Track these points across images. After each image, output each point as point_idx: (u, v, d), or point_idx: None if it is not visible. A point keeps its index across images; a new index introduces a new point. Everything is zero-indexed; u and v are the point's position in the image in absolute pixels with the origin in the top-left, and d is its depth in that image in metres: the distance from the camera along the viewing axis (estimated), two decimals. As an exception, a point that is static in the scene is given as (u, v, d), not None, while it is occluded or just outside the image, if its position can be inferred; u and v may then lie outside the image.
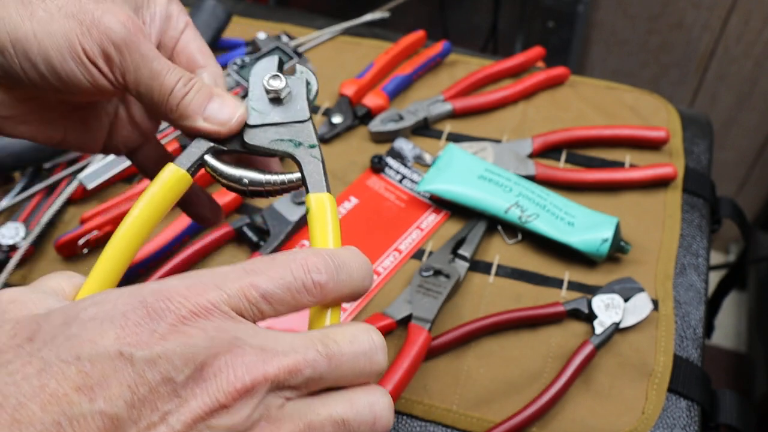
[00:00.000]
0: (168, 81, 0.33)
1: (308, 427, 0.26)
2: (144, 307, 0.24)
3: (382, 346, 0.28)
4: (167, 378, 0.23)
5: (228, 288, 0.26)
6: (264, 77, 0.35)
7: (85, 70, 0.32)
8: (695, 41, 1.31)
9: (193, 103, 0.33)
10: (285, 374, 0.25)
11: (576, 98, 0.73)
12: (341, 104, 0.71)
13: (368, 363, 0.27)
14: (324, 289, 0.28)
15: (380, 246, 0.60)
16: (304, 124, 0.35)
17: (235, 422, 0.24)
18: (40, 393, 0.22)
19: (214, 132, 0.34)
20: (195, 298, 0.25)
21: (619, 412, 0.50)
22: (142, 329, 0.24)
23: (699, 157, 0.68)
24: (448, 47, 0.77)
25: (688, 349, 0.54)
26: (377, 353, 0.28)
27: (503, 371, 0.52)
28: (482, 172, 0.62)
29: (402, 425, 0.50)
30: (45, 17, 0.31)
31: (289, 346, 0.26)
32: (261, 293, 0.26)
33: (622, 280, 0.56)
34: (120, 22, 0.31)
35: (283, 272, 0.27)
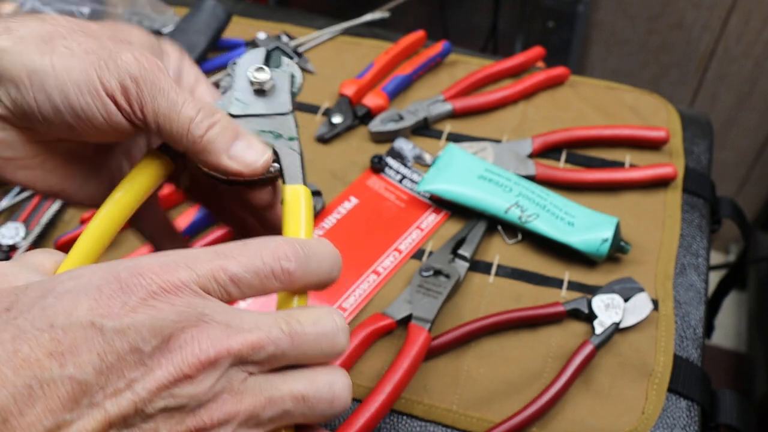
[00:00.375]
0: (187, 110, 0.32)
1: (269, 401, 0.27)
2: (117, 281, 0.25)
3: (344, 328, 0.29)
4: (135, 348, 0.25)
5: (198, 268, 0.27)
6: (249, 68, 0.35)
7: (102, 104, 0.31)
8: (695, 41, 1.31)
9: (220, 138, 0.33)
10: (248, 349, 0.26)
11: (576, 98, 0.73)
12: (341, 104, 0.71)
13: (330, 344, 0.29)
14: (292, 277, 0.29)
15: (380, 246, 0.60)
16: (286, 117, 0.35)
17: (198, 392, 0.26)
18: (13, 357, 0.23)
19: (237, 172, 0.33)
20: (166, 275, 0.26)
21: (619, 412, 0.50)
22: (114, 302, 0.25)
23: (699, 157, 0.68)
24: (448, 47, 0.77)
25: (688, 349, 0.54)
26: (339, 335, 0.29)
27: (503, 371, 0.52)
28: (482, 172, 0.62)
29: (402, 425, 0.50)
30: (65, 53, 0.31)
31: (254, 324, 0.27)
32: (230, 276, 0.27)
33: (622, 280, 0.56)
34: (137, 58, 0.32)
35: (253, 258, 0.28)
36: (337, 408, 0.29)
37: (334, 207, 0.63)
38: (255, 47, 0.78)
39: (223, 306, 0.27)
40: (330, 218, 0.62)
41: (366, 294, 0.57)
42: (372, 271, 0.58)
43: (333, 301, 0.56)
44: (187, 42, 0.73)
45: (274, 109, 0.35)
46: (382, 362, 0.53)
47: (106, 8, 0.74)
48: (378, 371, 0.52)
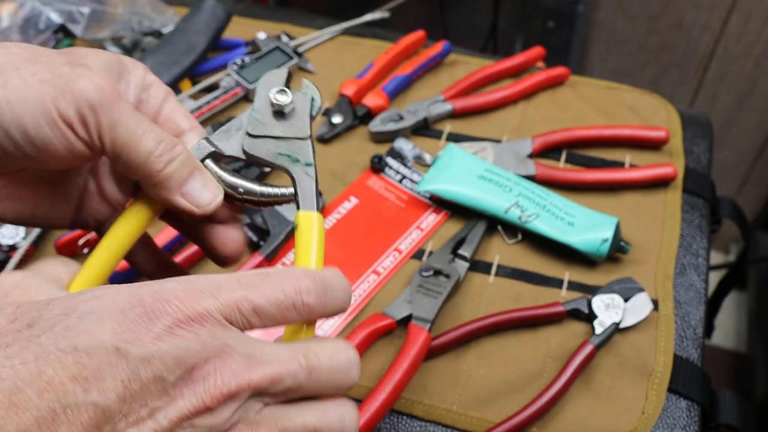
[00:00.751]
0: (146, 142, 0.31)
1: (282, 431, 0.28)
2: (142, 306, 0.25)
3: (357, 363, 0.30)
4: (159, 377, 0.25)
5: (222, 298, 0.27)
6: (271, 90, 0.35)
7: (61, 134, 0.30)
8: (695, 41, 1.31)
9: (176, 175, 0.32)
10: (267, 382, 0.27)
11: (576, 98, 0.73)
12: (341, 104, 0.71)
13: (343, 378, 0.29)
14: (310, 309, 0.29)
15: (380, 246, 0.60)
16: (304, 142, 0.35)
17: (216, 423, 0.26)
18: (37, 379, 0.23)
19: (189, 210, 0.33)
20: (191, 304, 0.26)
21: (619, 412, 0.50)
22: (138, 327, 0.25)
23: (699, 157, 0.68)
24: (448, 47, 0.77)
25: (688, 349, 0.54)
26: (352, 369, 0.30)
27: (503, 371, 0.52)
28: (482, 172, 0.62)
29: (402, 425, 0.50)
30: (18, 84, 0.30)
31: (274, 356, 0.28)
32: (253, 307, 0.28)
33: (622, 280, 0.56)
34: (94, 84, 0.30)
35: (275, 290, 0.28)
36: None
37: (334, 207, 0.63)
38: (255, 47, 0.78)
39: (244, 337, 0.27)
40: (330, 218, 0.62)
41: (366, 294, 0.57)
42: (372, 271, 0.58)
43: (333, 301, 0.56)
44: (187, 42, 0.73)
45: (293, 133, 0.35)
46: (382, 362, 0.53)
47: (106, 8, 0.74)
48: (378, 371, 0.52)
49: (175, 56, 0.72)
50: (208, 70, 0.76)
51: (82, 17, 0.72)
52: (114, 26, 0.75)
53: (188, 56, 0.72)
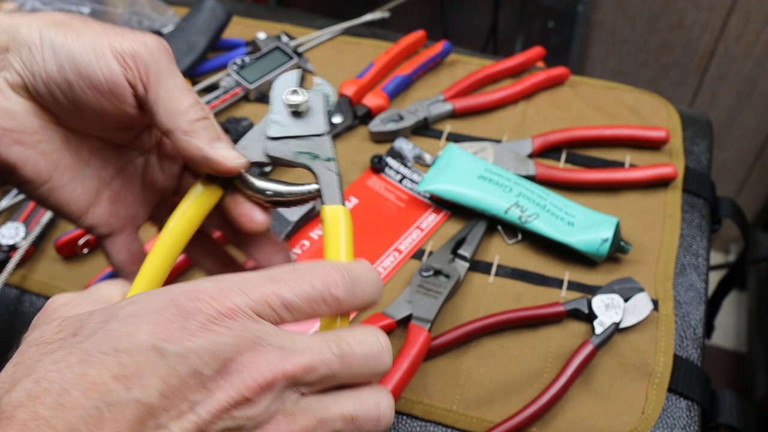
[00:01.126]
0: (187, 96, 0.34)
1: (320, 422, 0.28)
2: (176, 306, 0.26)
3: (389, 348, 0.30)
4: (196, 371, 0.26)
5: (252, 294, 0.28)
6: (284, 91, 0.36)
7: (105, 63, 0.33)
8: (695, 41, 1.31)
9: (208, 131, 0.34)
10: (302, 372, 0.28)
11: (576, 98, 0.73)
12: (341, 104, 0.71)
13: (376, 363, 0.30)
14: (339, 302, 0.30)
15: (380, 246, 0.60)
16: (322, 138, 0.36)
17: (255, 414, 0.27)
18: (81, 381, 0.24)
19: (216, 162, 0.35)
20: (222, 300, 0.27)
21: (619, 412, 0.50)
22: (173, 326, 0.26)
23: (699, 157, 0.68)
24: (448, 47, 0.77)
25: (688, 349, 0.54)
26: (384, 355, 0.30)
27: (503, 371, 0.52)
28: (482, 172, 0.62)
29: (402, 425, 0.50)
30: (80, 27, 0.33)
31: (306, 346, 0.28)
32: (282, 302, 0.28)
33: (622, 280, 0.56)
34: (152, 38, 0.34)
35: (304, 284, 0.29)
36: (382, 427, 0.30)
37: (334, 207, 0.63)
38: (255, 47, 0.78)
39: (276, 329, 0.28)
40: (330, 218, 0.62)
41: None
42: (372, 271, 0.58)
43: (333, 301, 0.56)
44: (187, 42, 0.73)
45: (311, 130, 0.36)
46: (382, 362, 0.53)
47: (106, 8, 0.74)
48: (378, 371, 0.52)
49: (176, 56, 0.72)
50: (208, 70, 0.76)
51: (82, 17, 0.72)
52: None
53: (188, 56, 0.72)
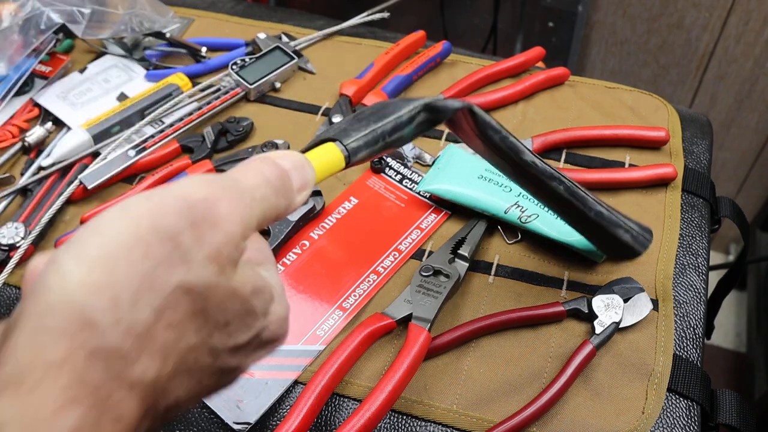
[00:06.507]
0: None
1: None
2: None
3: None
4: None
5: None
6: None
7: None
8: (695, 41, 1.31)
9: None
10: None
11: (576, 98, 0.73)
12: (341, 104, 0.71)
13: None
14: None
15: (380, 246, 0.60)
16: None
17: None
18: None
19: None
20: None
21: (618, 411, 0.50)
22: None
23: (699, 157, 0.68)
24: (448, 47, 0.77)
25: (688, 349, 0.54)
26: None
27: (503, 371, 0.52)
28: (482, 172, 0.62)
29: (402, 425, 0.50)
30: None
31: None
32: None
33: (622, 280, 0.56)
34: None
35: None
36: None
37: (334, 207, 0.63)
38: (255, 47, 0.78)
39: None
40: (330, 218, 0.62)
41: (366, 294, 0.57)
42: (372, 271, 0.58)
43: (333, 301, 0.56)
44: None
45: None
46: (382, 362, 0.53)
47: (106, 9, 0.74)
48: (378, 371, 0.52)
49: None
50: (209, 70, 0.76)
51: (82, 17, 0.72)
52: (114, 27, 0.75)
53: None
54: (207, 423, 0.51)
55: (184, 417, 0.51)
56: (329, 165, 0.35)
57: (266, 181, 0.28)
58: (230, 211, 0.25)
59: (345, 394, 0.51)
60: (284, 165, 0.30)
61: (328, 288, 0.57)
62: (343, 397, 0.51)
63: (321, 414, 0.50)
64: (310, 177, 0.31)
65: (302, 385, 0.52)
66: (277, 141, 0.66)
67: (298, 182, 0.30)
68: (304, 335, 0.54)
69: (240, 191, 0.27)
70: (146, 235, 0.23)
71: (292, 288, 0.57)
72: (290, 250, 0.60)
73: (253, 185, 0.28)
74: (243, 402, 0.50)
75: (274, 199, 0.28)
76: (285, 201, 0.29)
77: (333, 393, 0.51)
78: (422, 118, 0.40)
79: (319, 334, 0.54)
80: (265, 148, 0.65)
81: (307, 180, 0.31)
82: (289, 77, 0.76)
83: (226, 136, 0.69)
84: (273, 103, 0.74)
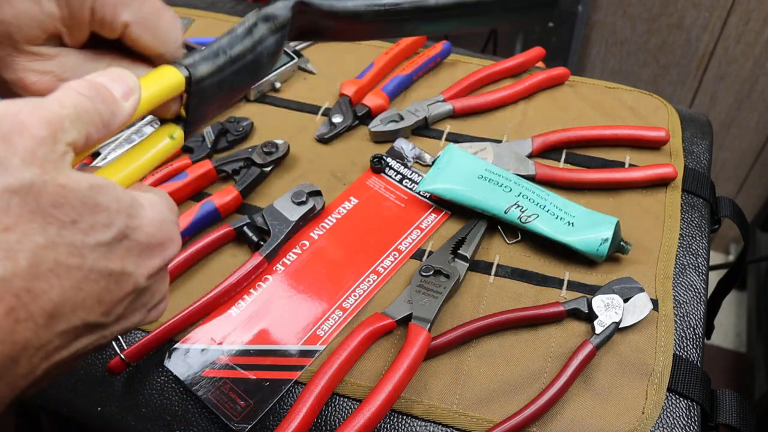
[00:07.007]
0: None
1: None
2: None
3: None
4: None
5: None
6: None
7: None
8: (695, 41, 1.31)
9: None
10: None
11: (576, 98, 0.73)
12: (341, 104, 0.71)
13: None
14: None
15: (380, 246, 0.60)
16: None
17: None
18: None
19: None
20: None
21: (618, 412, 0.50)
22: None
23: (699, 157, 0.68)
24: (448, 47, 0.77)
25: (688, 349, 0.54)
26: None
27: (503, 371, 0.52)
28: (482, 172, 0.62)
29: (402, 425, 0.50)
30: None
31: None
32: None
33: (622, 280, 0.56)
34: None
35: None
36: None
37: (334, 207, 0.63)
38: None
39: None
40: (330, 218, 0.62)
41: (366, 294, 0.57)
42: (372, 271, 0.58)
43: (333, 301, 0.56)
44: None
45: None
46: (382, 362, 0.53)
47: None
48: (378, 371, 0.52)
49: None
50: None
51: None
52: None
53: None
54: (207, 423, 0.51)
55: (184, 417, 0.51)
56: (168, 83, 0.35)
57: (75, 91, 0.29)
58: (34, 118, 0.27)
59: (345, 394, 0.51)
60: (98, 79, 0.31)
61: (328, 288, 0.57)
62: (343, 397, 0.51)
63: (321, 414, 0.50)
64: (132, 83, 0.32)
65: (302, 385, 0.52)
66: (277, 141, 0.66)
67: (120, 90, 0.31)
68: (304, 335, 0.54)
69: (44, 102, 0.28)
70: None
71: (292, 288, 0.57)
72: (290, 250, 0.60)
73: (60, 96, 0.29)
74: (243, 402, 0.50)
75: (89, 103, 0.29)
76: (105, 106, 0.30)
77: (333, 393, 0.51)
78: (263, 30, 0.39)
79: (319, 334, 0.54)
80: (265, 148, 0.65)
81: (130, 86, 0.32)
82: (289, 77, 0.76)
83: (226, 136, 0.69)
84: (273, 103, 0.74)
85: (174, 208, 0.33)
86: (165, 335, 0.53)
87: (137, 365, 0.53)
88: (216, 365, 0.52)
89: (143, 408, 0.52)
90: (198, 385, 0.51)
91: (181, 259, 0.58)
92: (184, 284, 0.58)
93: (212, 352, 0.53)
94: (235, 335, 0.54)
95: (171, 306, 0.56)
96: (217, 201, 0.62)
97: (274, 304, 0.56)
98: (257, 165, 0.65)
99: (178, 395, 0.52)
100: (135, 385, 0.53)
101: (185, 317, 0.54)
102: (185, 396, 0.52)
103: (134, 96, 0.32)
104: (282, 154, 0.66)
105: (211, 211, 0.61)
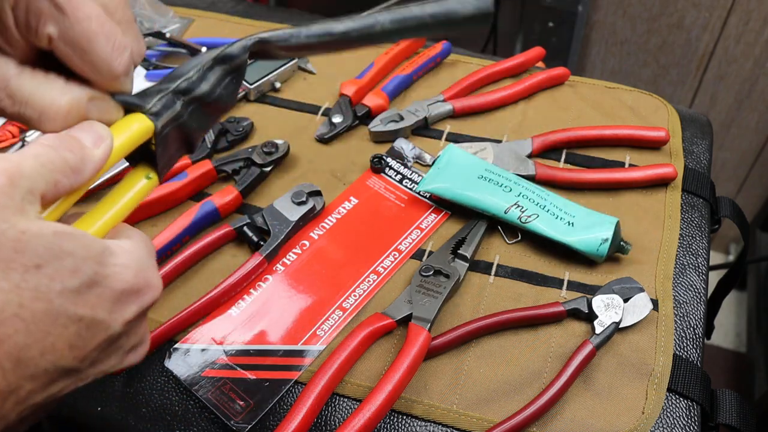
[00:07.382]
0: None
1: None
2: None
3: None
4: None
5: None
6: None
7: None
8: (695, 41, 1.31)
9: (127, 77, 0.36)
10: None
11: (576, 98, 0.73)
12: (341, 104, 0.71)
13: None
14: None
15: (380, 246, 0.60)
16: None
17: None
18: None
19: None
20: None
21: (618, 412, 0.50)
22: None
23: (699, 157, 0.68)
24: (448, 47, 0.77)
25: (688, 349, 0.54)
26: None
27: (503, 371, 0.52)
28: (482, 172, 0.62)
29: (402, 425, 0.50)
30: None
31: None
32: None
33: (622, 280, 0.56)
34: None
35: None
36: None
37: (334, 207, 0.63)
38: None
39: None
40: (330, 218, 0.62)
41: (366, 294, 0.57)
42: (372, 271, 0.58)
43: (333, 301, 0.56)
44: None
45: None
46: (382, 362, 0.53)
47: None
48: (378, 371, 0.52)
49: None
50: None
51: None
52: (114, 26, 0.74)
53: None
54: (207, 423, 0.51)
55: (184, 417, 0.51)
56: (138, 130, 0.35)
57: (38, 143, 0.30)
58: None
59: (345, 394, 0.51)
60: (67, 131, 0.31)
61: (328, 288, 0.57)
62: (343, 397, 0.51)
63: (321, 414, 0.50)
64: (102, 132, 0.32)
65: (302, 385, 0.52)
66: (277, 141, 0.66)
67: (90, 139, 0.32)
68: (304, 335, 0.54)
69: (4, 155, 0.28)
70: None
71: (292, 288, 0.57)
72: (290, 250, 0.60)
73: (23, 149, 0.29)
74: (243, 402, 0.50)
75: (53, 152, 0.30)
76: (73, 154, 0.30)
77: (333, 393, 0.51)
78: (220, 71, 0.39)
79: (319, 334, 0.54)
80: (265, 148, 0.65)
81: (101, 135, 0.32)
82: (289, 77, 0.76)
83: (226, 136, 0.69)
84: (273, 103, 0.74)
85: (152, 253, 0.33)
86: (165, 335, 0.53)
87: (137, 365, 0.53)
88: (216, 365, 0.52)
89: (143, 408, 0.52)
90: (198, 385, 0.51)
91: (181, 259, 0.58)
92: (184, 284, 0.58)
93: (212, 352, 0.53)
94: (235, 335, 0.54)
95: (171, 306, 0.56)
96: (217, 201, 0.62)
97: (274, 304, 0.56)
98: (257, 165, 0.65)
99: (178, 395, 0.52)
100: (135, 385, 0.53)
101: (185, 317, 0.54)
102: (185, 396, 0.52)
103: (105, 143, 0.32)
104: (282, 154, 0.66)
105: (211, 211, 0.61)
